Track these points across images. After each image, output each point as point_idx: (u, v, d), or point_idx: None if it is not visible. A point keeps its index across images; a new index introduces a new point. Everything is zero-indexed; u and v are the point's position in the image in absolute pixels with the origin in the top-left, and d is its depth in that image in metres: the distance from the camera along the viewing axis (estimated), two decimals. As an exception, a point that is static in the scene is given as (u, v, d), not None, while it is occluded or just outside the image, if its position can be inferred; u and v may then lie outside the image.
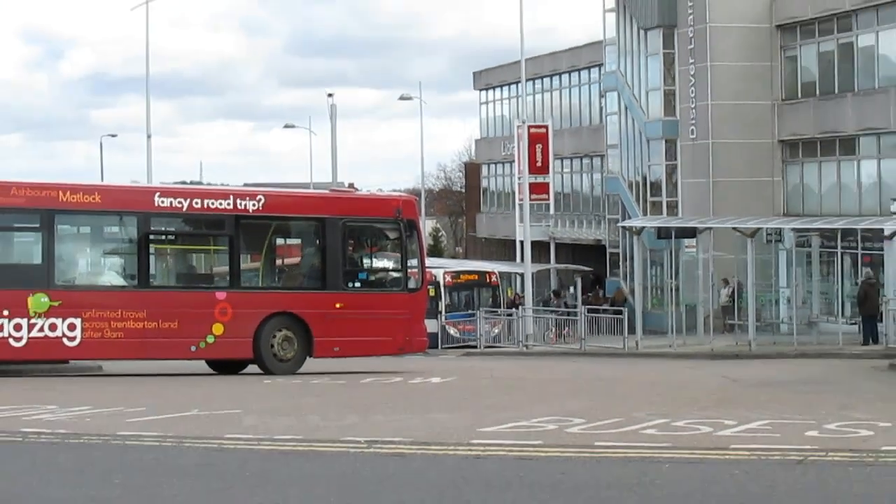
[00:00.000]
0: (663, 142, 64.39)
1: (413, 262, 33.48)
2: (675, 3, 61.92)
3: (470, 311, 59.74)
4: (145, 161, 60.71)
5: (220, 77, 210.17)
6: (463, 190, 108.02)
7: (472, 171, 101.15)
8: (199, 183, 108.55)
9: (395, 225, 33.33)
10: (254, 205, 31.89)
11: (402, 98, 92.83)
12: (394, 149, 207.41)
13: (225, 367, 32.34)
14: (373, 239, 34.10)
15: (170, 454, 15.21)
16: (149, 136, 61.12)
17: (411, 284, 33.42)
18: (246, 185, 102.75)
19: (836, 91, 57.43)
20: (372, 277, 33.74)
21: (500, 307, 62.05)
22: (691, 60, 61.15)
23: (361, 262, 33.83)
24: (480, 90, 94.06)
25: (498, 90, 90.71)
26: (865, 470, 13.29)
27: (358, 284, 32.99)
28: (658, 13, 62.92)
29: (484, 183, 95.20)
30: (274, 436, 16.49)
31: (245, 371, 32.25)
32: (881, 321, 42.71)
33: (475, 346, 55.10)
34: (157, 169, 64.97)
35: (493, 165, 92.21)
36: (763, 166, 59.65)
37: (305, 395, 24.71)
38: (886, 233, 43.93)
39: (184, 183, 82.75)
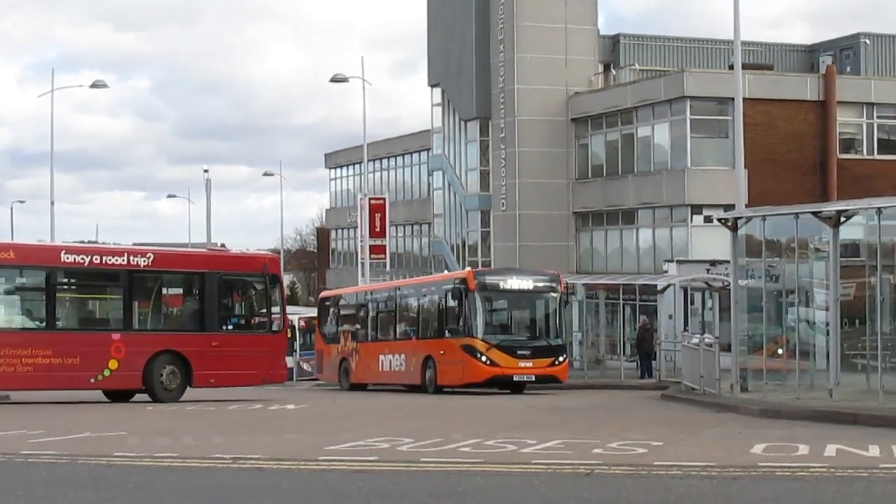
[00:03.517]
0: (479, 212, 64.85)
1: (276, 308, 33.69)
2: (489, 99, 62.53)
3: (320, 350, 59.42)
4: (49, 223, 60.09)
5: (118, 154, 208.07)
6: (315, 250, 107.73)
7: (322, 234, 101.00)
8: (96, 242, 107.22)
9: (262, 278, 33.53)
10: (144, 261, 31.98)
11: (265, 174, 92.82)
12: (260, 215, 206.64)
13: (118, 395, 32.15)
14: (243, 289, 34.00)
15: (65, 470, 14.89)
16: (52, 203, 60.63)
17: (274, 327, 33.53)
18: (135, 244, 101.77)
19: (620, 172, 58.31)
20: (242, 321, 33.66)
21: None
22: (502, 146, 61.72)
23: (233, 308, 33.79)
24: (330, 168, 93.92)
25: (345, 168, 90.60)
26: (641, 481, 13.40)
27: (230, 327, 33.07)
28: (476, 107, 63.48)
29: (333, 245, 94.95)
30: (153, 454, 16.23)
31: (134, 399, 32.02)
32: (655, 359, 43.22)
33: (324, 379, 54.73)
34: (59, 230, 64.48)
35: (341, 230, 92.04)
36: (560, 233, 60.31)
37: (181, 420, 24.37)
38: (659, 287, 44.50)
39: (82, 242, 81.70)
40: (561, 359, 37.57)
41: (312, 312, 68.82)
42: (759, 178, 49.49)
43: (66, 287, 31.79)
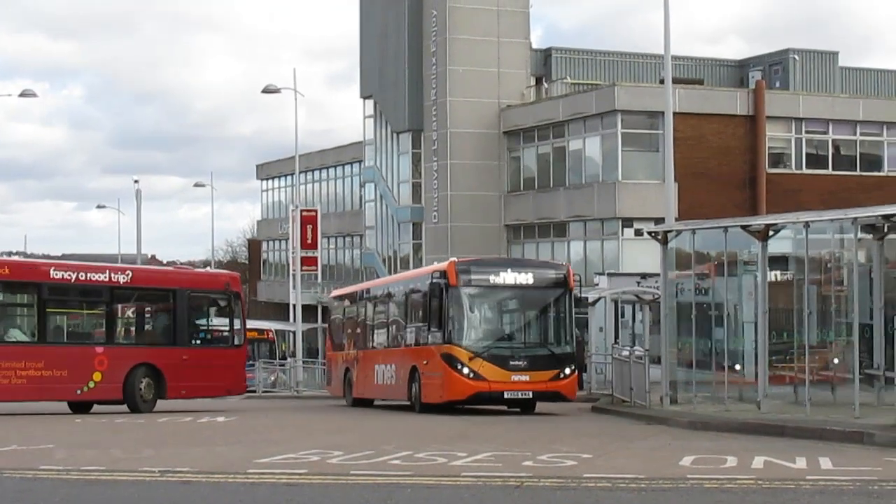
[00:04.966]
0: (411, 224, 64.87)
1: (237, 323, 34.95)
2: (421, 111, 62.59)
3: (251, 362, 59.24)
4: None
5: (50, 163, 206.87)
6: (247, 261, 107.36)
7: (254, 246, 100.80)
8: (24, 253, 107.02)
9: (225, 295, 34.95)
10: (124, 278, 33.05)
11: (196, 185, 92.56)
12: (192, 226, 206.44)
13: (80, 407, 33.01)
14: (209, 306, 35.36)
15: (-10, 483, 14.73)
16: (-20, 213, 60.00)
17: (236, 341, 34.93)
18: (64, 255, 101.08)
19: (552, 185, 58.54)
20: (209, 336, 35.00)
21: (276, 359, 61.73)
22: (435, 159, 61.78)
23: (201, 323, 34.95)
24: (262, 179, 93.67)
25: (277, 180, 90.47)
26: (570, 493, 13.43)
27: (199, 341, 34.29)
28: (408, 119, 63.53)
29: (264, 256, 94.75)
30: (81, 467, 16.07)
31: (91, 411, 32.67)
32: (586, 372, 43.30)
33: (255, 391, 54.63)
34: (-14, 240, 63.80)
35: (272, 242, 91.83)
36: (492, 246, 60.38)
37: (109, 432, 24.17)
38: (590, 300, 44.63)
39: (10, 254, 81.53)
40: (567, 371, 31.26)
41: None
42: (689, 192, 49.84)
43: (55, 302, 32.36)
